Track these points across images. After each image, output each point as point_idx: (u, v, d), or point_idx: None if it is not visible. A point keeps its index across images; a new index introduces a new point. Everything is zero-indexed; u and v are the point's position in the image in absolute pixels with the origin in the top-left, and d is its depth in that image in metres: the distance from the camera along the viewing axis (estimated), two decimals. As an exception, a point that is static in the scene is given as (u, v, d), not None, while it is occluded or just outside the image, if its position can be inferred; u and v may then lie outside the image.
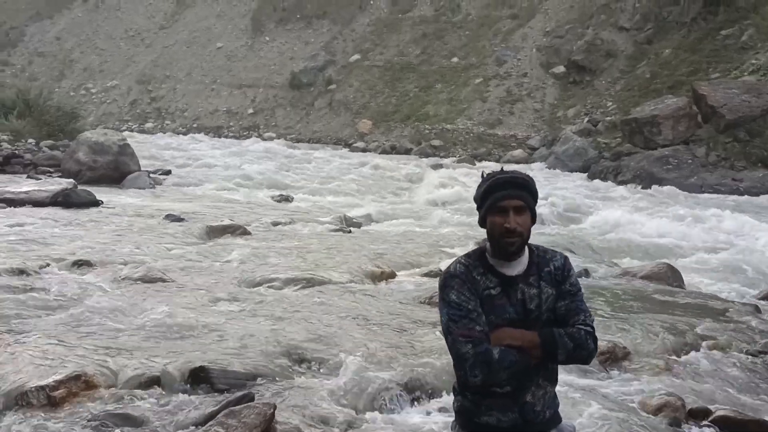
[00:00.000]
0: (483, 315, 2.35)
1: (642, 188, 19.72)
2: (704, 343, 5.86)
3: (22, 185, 13.58)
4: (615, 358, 5.26)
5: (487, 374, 2.30)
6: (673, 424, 4.25)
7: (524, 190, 2.39)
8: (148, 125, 44.36)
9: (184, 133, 40.60)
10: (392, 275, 8.05)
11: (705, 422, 4.30)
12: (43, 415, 4.07)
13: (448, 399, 4.45)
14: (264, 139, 37.38)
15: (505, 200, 2.36)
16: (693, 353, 5.69)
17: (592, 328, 2.42)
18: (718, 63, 27.96)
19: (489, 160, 29.42)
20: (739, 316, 6.74)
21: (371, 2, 45.69)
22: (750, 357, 5.59)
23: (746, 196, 18.62)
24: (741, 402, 4.70)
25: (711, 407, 4.44)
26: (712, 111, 21.90)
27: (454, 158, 29.95)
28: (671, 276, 8.25)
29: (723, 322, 6.50)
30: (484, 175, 2.47)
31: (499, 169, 2.51)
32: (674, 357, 5.57)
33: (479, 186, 2.46)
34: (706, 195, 17.83)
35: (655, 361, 5.27)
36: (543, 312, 2.41)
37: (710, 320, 6.46)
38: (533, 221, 2.42)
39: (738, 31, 28.74)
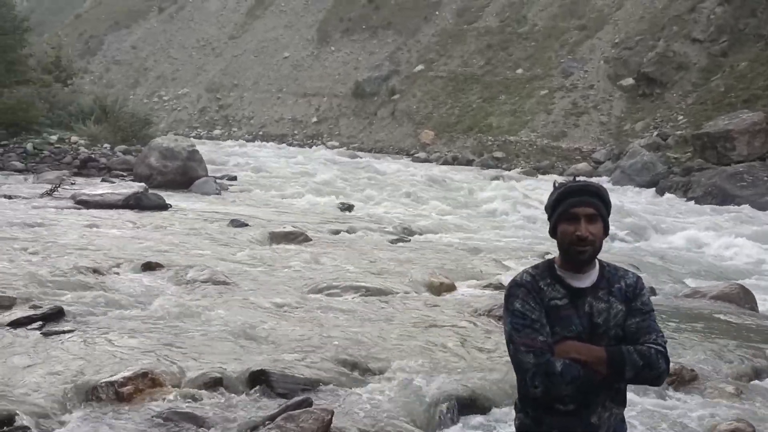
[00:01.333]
0: (547, 326, 2.29)
1: (714, 205, 19.01)
2: (777, 369, 5.60)
3: (97, 188, 14.18)
4: (682, 380, 5.09)
5: (549, 386, 2.24)
6: (742, 452, 4.08)
7: (597, 198, 2.34)
8: (216, 132, 45.62)
9: (251, 140, 41.55)
10: (452, 287, 8.01)
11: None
12: (111, 409, 4.23)
13: (504, 415, 4.40)
14: (327, 148, 37.89)
15: (576, 207, 2.31)
16: (764, 379, 5.45)
17: (664, 348, 2.32)
18: (798, 76, 26.76)
19: (552, 173, 28.96)
20: (816, 343, 6.41)
21: (437, 13, 45.77)
22: (827, 386, 5.31)
23: (826, 216, 17.67)
24: (817, 433, 4.47)
25: (784, 437, 4.24)
26: (791, 126, 20.96)
27: (517, 170, 29.59)
28: (743, 297, 7.91)
29: (799, 347, 6.19)
30: (556, 185, 2.43)
31: (573, 179, 2.48)
32: (744, 382, 5.35)
33: (551, 194, 2.42)
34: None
35: (724, 386, 5.07)
36: (611, 327, 2.33)
37: (785, 345, 6.17)
38: (606, 232, 2.35)
39: (820, 44, 27.45)
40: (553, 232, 2.40)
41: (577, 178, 2.46)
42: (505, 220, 14.95)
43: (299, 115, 44.72)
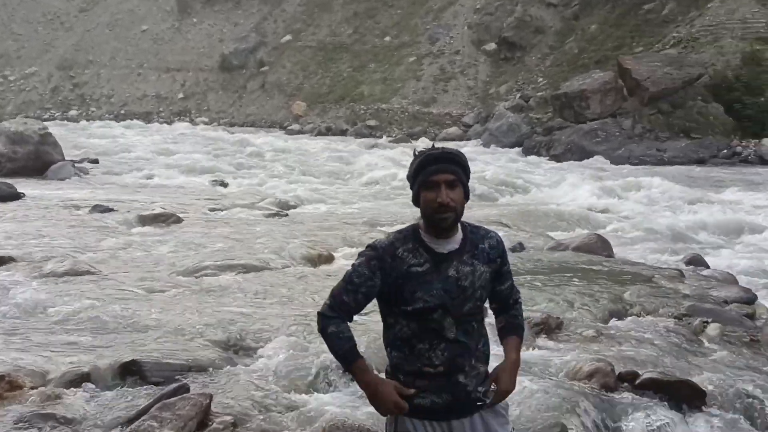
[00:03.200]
0: (362, 293, 2.44)
1: (573, 161, 20.24)
2: (632, 310, 6.08)
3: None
4: (549, 328, 5.39)
5: (319, 331, 2.48)
6: (603, 388, 4.39)
7: (456, 165, 2.38)
8: (72, 113, 42.70)
9: (112, 120, 39.26)
10: (330, 258, 8.02)
11: (634, 385, 4.46)
12: (-37, 420, 3.88)
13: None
14: (196, 124, 36.57)
15: (436, 175, 2.34)
16: (622, 320, 5.90)
17: None
18: (642, 37, 28.86)
19: (425, 139, 29.63)
20: (664, 282, 7.01)
21: (301, -19, 45.05)
22: (675, 320, 5.82)
23: (670, 165, 19.36)
24: (667, 364, 4.90)
25: (639, 371, 4.60)
26: (637, 84, 22.62)
27: (390, 138, 30.02)
28: (601, 246, 8.51)
29: (649, 288, 6.74)
30: (416, 153, 2.45)
31: (432, 146, 2.50)
32: (604, 324, 5.75)
33: (411, 163, 2.44)
34: (633, 166, 18.42)
35: (586, 330, 5.43)
36: (476, 289, 2.41)
37: (638, 287, 6.70)
38: (466, 197, 2.40)
39: (659, 5, 29.68)
40: (416, 200, 2.43)
41: (436, 145, 2.48)
42: (380, 188, 15.13)
43: (164, 91, 42.72)
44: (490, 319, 2.60)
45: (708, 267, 8.13)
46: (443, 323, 2.38)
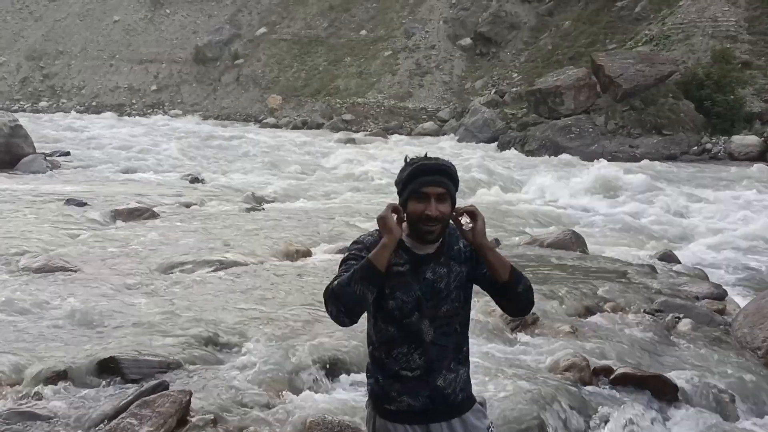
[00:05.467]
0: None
1: (547, 157, 20.43)
2: (606, 305, 6.19)
3: None
4: (525, 324, 5.47)
5: (332, 300, 2.28)
6: (579, 383, 4.48)
7: (447, 178, 2.37)
8: (42, 104, 41.89)
9: (83, 112, 38.62)
10: (307, 253, 8.02)
11: (609, 380, 4.56)
12: (-62, 420, 3.82)
13: (363, 375, 4.50)
14: (170, 117, 36.13)
15: (427, 186, 2.33)
16: (596, 315, 6.01)
17: None
18: (615, 34, 29.16)
19: (400, 133, 29.66)
20: (637, 277, 7.15)
21: (276, -27, 44.63)
22: (648, 315, 5.95)
23: (642, 161, 19.63)
24: (640, 359, 5.01)
25: (614, 366, 4.70)
26: (610, 81, 22.88)
27: (366, 132, 29.98)
28: (575, 242, 8.63)
29: (623, 283, 6.87)
30: (408, 160, 2.42)
31: (421, 152, 2.48)
32: (579, 319, 5.86)
33: (402, 170, 2.41)
34: (606, 161, 18.60)
35: (562, 325, 5.52)
36: (452, 290, 2.42)
37: (612, 283, 6.82)
38: (453, 209, 2.40)
39: (632, 3, 30.02)
40: (402, 207, 2.39)
41: (428, 154, 2.45)
42: (357, 183, 15.13)
43: (136, 83, 42.10)
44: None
45: (679, 262, 8.29)
46: (420, 326, 2.39)
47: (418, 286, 2.39)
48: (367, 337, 2.55)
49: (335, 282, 2.31)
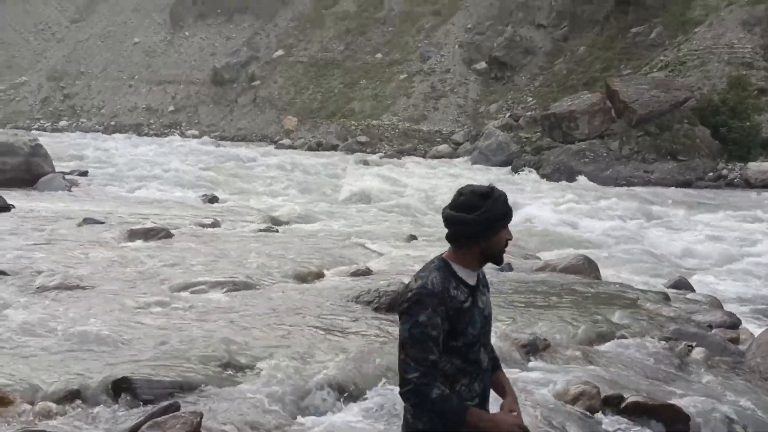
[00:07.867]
0: (439, 342, 2.33)
1: (562, 181, 20.41)
2: (618, 332, 6.15)
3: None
4: (536, 350, 5.46)
5: (419, 405, 2.32)
6: (588, 411, 4.46)
7: None
8: (63, 123, 42.54)
9: (102, 132, 39.15)
10: (320, 275, 8.06)
11: (619, 409, 4.53)
12: (-46, 436, 3.88)
13: (376, 400, 4.51)
14: (186, 137, 36.54)
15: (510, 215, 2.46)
16: (608, 342, 5.97)
17: None
18: (630, 60, 29.22)
19: (415, 156, 29.77)
20: (650, 305, 7.11)
21: (293, -3, 45.28)
22: (660, 343, 5.91)
23: (657, 187, 19.57)
24: (652, 387, 4.97)
25: (624, 394, 4.67)
26: (625, 106, 22.89)
27: (381, 154, 30.13)
28: (588, 267, 8.59)
29: (636, 311, 6.83)
30: (494, 189, 2.42)
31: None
32: (591, 346, 5.83)
33: (497, 199, 2.39)
34: (620, 187, 18.60)
35: (573, 351, 5.50)
36: (492, 317, 2.53)
37: (624, 310, 6.78)
38: None
39: (647, 29, 30.11)
40: (486, 235, 2.39)
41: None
42: (370, 205, 15.20)
43: (154, 103, 42.68)
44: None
45: (693, 290, 8.24)
46: (479, 356, 2.45)
47: (479, 317, 2.43)
48: (401, 376, 2.51)
49: (431, 391, 2.30)
